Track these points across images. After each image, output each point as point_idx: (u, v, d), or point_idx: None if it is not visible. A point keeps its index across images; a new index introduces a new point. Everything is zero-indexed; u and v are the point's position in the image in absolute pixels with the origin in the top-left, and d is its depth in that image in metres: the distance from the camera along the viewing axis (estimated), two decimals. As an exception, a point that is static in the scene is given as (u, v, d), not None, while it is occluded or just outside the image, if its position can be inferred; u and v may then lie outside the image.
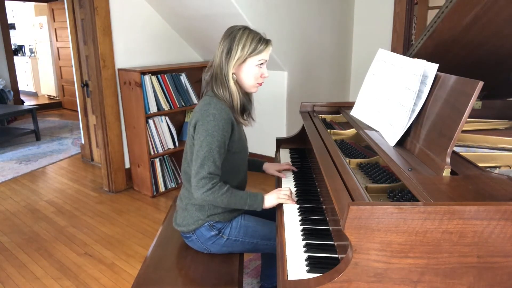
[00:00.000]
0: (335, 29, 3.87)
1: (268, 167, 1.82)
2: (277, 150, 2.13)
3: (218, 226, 1.54)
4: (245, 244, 1.56)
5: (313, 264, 1.09)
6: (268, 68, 3.55)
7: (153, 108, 3.16)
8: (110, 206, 3.12)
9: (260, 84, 1.55)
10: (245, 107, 1.58)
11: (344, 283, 0.89)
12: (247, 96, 1.59)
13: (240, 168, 1.60)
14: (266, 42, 1.49)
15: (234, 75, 1.49)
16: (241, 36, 1.46)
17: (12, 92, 6.19)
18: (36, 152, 4.65)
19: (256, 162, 1.84)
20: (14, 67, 6.42)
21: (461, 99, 1.08)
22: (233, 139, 1.49)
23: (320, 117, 1.97)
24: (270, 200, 1.48)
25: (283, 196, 1.48)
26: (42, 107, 7.03)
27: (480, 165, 1.14)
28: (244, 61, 1.47)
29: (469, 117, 1.09)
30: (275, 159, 2.08)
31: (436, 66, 1.26)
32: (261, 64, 1.50)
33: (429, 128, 1.20)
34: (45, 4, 7.02)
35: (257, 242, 1.56)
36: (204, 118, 1.43)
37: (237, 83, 1.51)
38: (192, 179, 1.43)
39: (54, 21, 6.84)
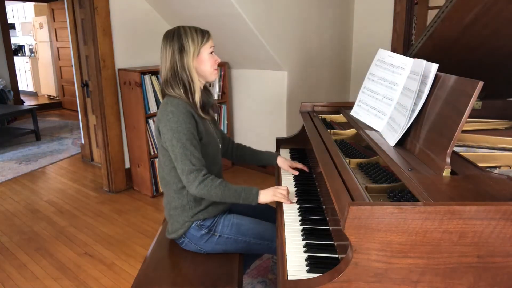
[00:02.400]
0: (335, 29, 3.87)
1: (282, 162, 1.81)
2: (277, 150, 2.13)
3: (206, 224, 1.55)
4: (238, 243, 1.55)
5: (313, 264, 1.09)
6: (268, 68, 3.56)
7: (153, 108, 3.16)
8: (110, 206, 3.12)
9: (216, 70, 1.59)
10: (205, 102, 1.60)
11: (344, 283, 0.89)
12: (206, 92, 1.63)
13: (214, 161, 1.60)
14: (207, 31, 1.56)
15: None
16: (185, 32, 1.51)
17: (12, 92, 6.19)
18: (36, 152, 4.65)
19: (271, 155, 1.84)
20: (14, 67, 6.42)
21: (461, 99, 1.08)
22: (200, 130, 1.51)
23: (320, 117, 1.97)
24: (266, 196, 1.48)
25: (279, 194, 1.48)
26: (42, 107, 7.03)
27: (480, 165, 1.14)
28: (199, 52, 1.52)
29: (469, 117, 1.09)
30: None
31: (436, 66, 1.26)
32: (212, 51, 1.55)
33: (429, 128, 1.20)
34: (45, 4, 7.02)
35: (250, 241, 1.55)
36: (164, 118, 1.46)
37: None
38: (182, 178, 1.45)
39: (54, 21, 6.84)
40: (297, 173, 1.76)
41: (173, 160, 1.47)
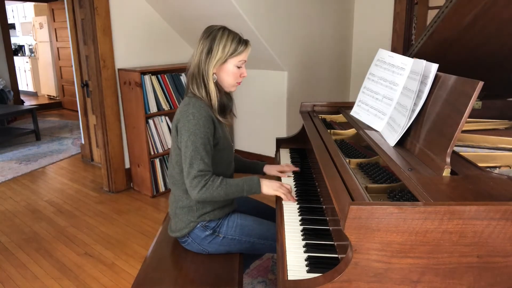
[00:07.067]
0: (335, 29, 3.87)
1: (269, 168, 1.80)
2: (277, 150, 2.13)
3: (211, 225, 1.54)
4: (242, 243, 1.56)
5: (313, 264, 1.09)
6: (268, 68, 3.57)
7: (153, 108, 3.16)
8: (110, 206, 3.12)
9: (239, 83, 1.56)
10: (225, 105, 1.58)
11: (344, 283, 0.89)
12: (227, 95, 1.60)
13: (228, 166, 1.61)
14: (246, 43, 1.51)
15: (215, 75, 1.51)
16: (221, 36, 1.47)
17: (12, 92, 6.18)
18: (36, 152, 4.65)
19: (257, 165, 1.84)
20: (14, 67, 6.41)
21: (461, 99, 1.08)
22: (218, 136, 1.50)
23: (320, 117, 1.97)
24: (269, 187, 1.48)
25: (283, 190, 1.48)
26: (42, 107, 7.03)
27: (480, 165, 1.14)
28: (225, 61, 1.48)
29: (469, 117, 1.09)
30: (275, 159, 2.08)
31: (436, 66, 1.26)
32: (241, 65, 1.52)
33: (429, 128, 1.20)
34: (45, 4, 7.02)
35: (254, 241, 1.56)
36: (184, 118, 1.44)
37: (217, 82, 1.53)
38: (185, 181, 1.43)
39: (54, 21, 6.84)
40: (285, 176, 1.74)
41: (182, 160, 1.45)
